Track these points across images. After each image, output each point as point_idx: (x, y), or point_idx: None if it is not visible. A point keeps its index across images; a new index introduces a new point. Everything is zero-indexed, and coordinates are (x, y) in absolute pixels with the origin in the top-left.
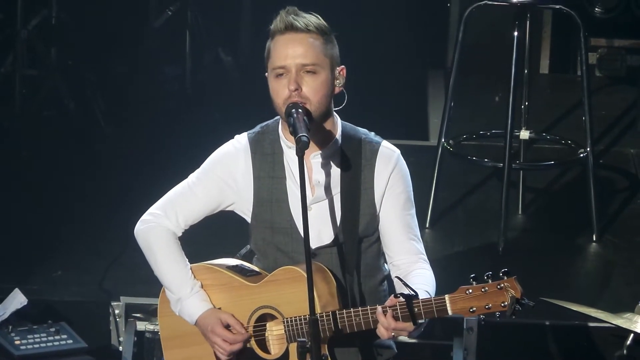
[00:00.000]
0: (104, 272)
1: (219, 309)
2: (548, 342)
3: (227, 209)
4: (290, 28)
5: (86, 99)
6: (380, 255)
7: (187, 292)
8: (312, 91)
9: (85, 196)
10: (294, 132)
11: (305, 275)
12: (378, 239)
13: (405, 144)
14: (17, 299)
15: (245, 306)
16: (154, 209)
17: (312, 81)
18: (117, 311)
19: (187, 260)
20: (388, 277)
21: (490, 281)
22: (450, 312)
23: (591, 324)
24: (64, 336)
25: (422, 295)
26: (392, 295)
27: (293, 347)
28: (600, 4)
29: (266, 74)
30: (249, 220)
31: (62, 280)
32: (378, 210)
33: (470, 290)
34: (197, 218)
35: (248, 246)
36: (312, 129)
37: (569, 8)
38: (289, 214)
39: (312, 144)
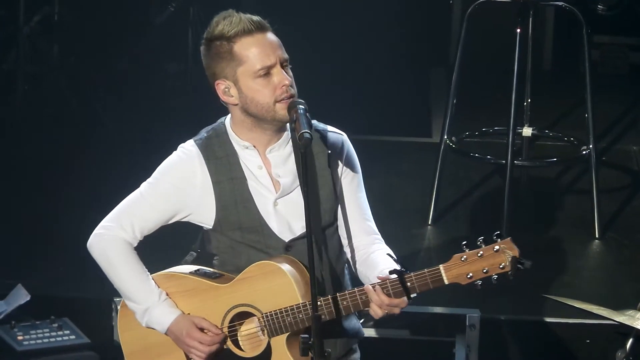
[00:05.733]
0: None
1: (188, 314)
2: (550, 339)
3: (184, 219)
4: (259, 28)
5: (88, 96)
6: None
7: (154, 301)
8: (294, 84)
9: (87, 192)
10: (296, 129)
11: (282, 268)
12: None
13: (408, 141)
14: (20, 295)
15: (218, 308)
16: (106, 222)
17: (290, 75)
18: (119, 307)
19: (146, 270)
20: (347, 262)
21: (484, 245)
22: (446, 281)
23: (593, 322)
24: (67, 332)
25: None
26: (379, 273)
27: (275, 341)
28: (602, 1)
29: (219, 82)
30: (207, 227)
31: (65, 276)
32: (338, 196)
33: (465, 257)
34: (153, 228)
35: (193, 253)
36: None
37: (571, 5)
38: (256, 212)
39: (267, 139)
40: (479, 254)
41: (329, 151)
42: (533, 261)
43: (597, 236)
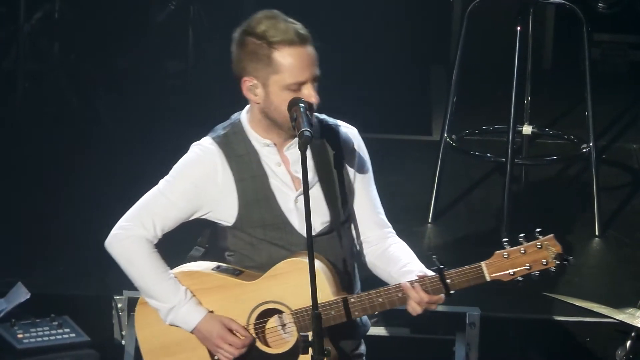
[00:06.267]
0: (107, 266)
1: (211, 312)
2: (550, 337)
3: (203, 217)
4: (302, 41)
5: (88, 94)
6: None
7: (181, 300)
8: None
9: (87, 190)
10: (297, 127)
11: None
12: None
13: (408, 139)
14: (20, 293)
15: (244, 305)
16: (125, 221)
17: (316, 88)
18: (119, 305)
19: (168, 268)
20: (357, 255)
21: (525, 242)
22: (488, 278)
23: (594, 320)
24: (67, 330)
25: (420, 267)
26: (402, 268)
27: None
28: None
29: (247, 79)
30: (226, 224)
31: (65, 274)
32: (352, 190)
33: (506, 254)
34: (173, 226)
35: (199, 248)
36: (277, 124)
37: (571, 3)
38: (278, 210)
39: (282, 140)
40: (521, 251)
41: (343, 146)
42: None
43: (597, 234)
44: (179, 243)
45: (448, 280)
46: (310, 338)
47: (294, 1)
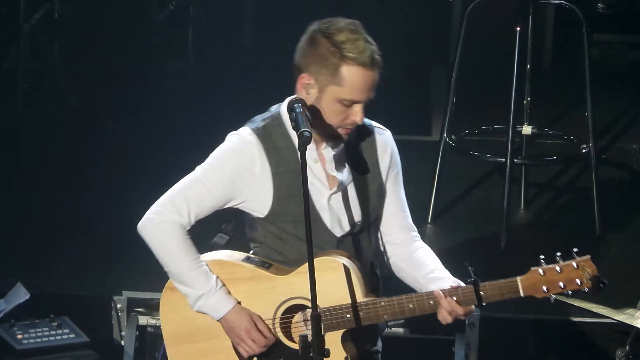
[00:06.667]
0: (106, 267)
1: (239, 302)
2: (550, 337)
3: (236, 206)
4: (373, 65)
5: (88, 94)
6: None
7: (212, 288)
8: None
9: (87, 191)
10: (296, 127)
11: (346, 265)
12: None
13: (408, 139)
14: (20, 293)
15: (272, 298)
16: (160, 206)
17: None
18: (119, 305)
19: (199, 255)
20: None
21: (561, 261)
22: (522, 294)
23: (593, 320)
24: (66, 330)
25: (447, 275)
26: (429, 274)
27: (330, 336)
28: None
29: (306, 76)
30: (258, 215)
31: (64, 275)
32: (384, 191)
33: (542, 272)
34: (206, 213)
35: (223, 235)
36: (316, 124)
37: (571, 3)
38: (312, 206)
39: (320, 136)
40: (557, 269)
41: (378, 147)
42: (532, 260)
43: (597, 234)
44: (202, 229)
45: (481, 293)
46: (310, 338)
47: (292, 2)
